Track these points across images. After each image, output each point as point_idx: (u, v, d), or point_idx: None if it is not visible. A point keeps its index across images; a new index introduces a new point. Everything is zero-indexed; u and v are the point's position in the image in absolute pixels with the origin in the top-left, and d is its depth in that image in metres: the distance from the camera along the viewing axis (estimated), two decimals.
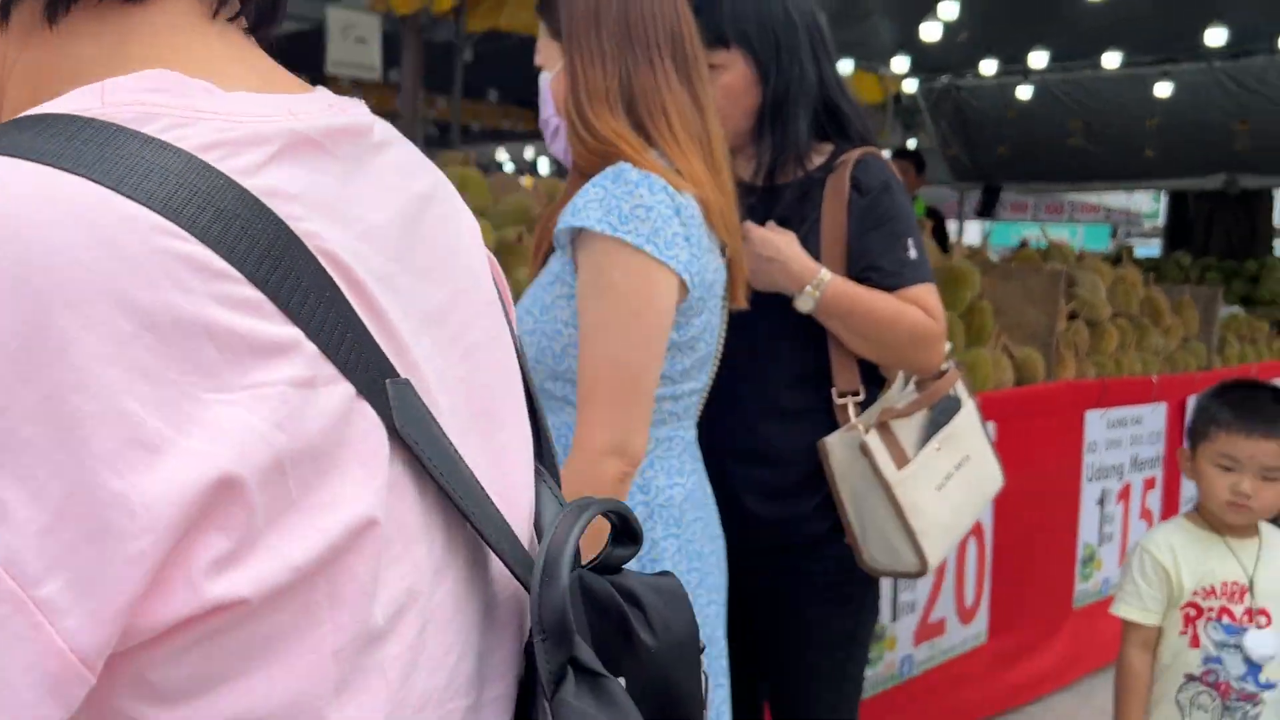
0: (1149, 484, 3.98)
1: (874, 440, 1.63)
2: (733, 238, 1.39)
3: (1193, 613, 1.82)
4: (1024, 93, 9.13)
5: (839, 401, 1.68)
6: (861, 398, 1.68)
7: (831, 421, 1.68)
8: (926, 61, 9.31)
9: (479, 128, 12.92)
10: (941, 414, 1.72)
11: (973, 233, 16.16)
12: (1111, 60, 8.22)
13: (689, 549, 1.39)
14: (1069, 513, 3.62)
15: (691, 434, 1.46)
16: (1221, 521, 1.85)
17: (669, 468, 1.38)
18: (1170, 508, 4.11)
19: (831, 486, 1.66)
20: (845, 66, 9.39)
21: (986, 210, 10.31)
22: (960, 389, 1.77)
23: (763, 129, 1.68)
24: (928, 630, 3.06)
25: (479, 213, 2.33)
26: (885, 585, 2.88)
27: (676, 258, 1.25)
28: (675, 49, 1.31)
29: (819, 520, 1.71)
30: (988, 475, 1.79)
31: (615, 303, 1.23)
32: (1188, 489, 4.22)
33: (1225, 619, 1.79)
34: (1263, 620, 1.79)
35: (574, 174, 1.38)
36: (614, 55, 1.28)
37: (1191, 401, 4.34)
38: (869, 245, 1.65)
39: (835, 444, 1.65)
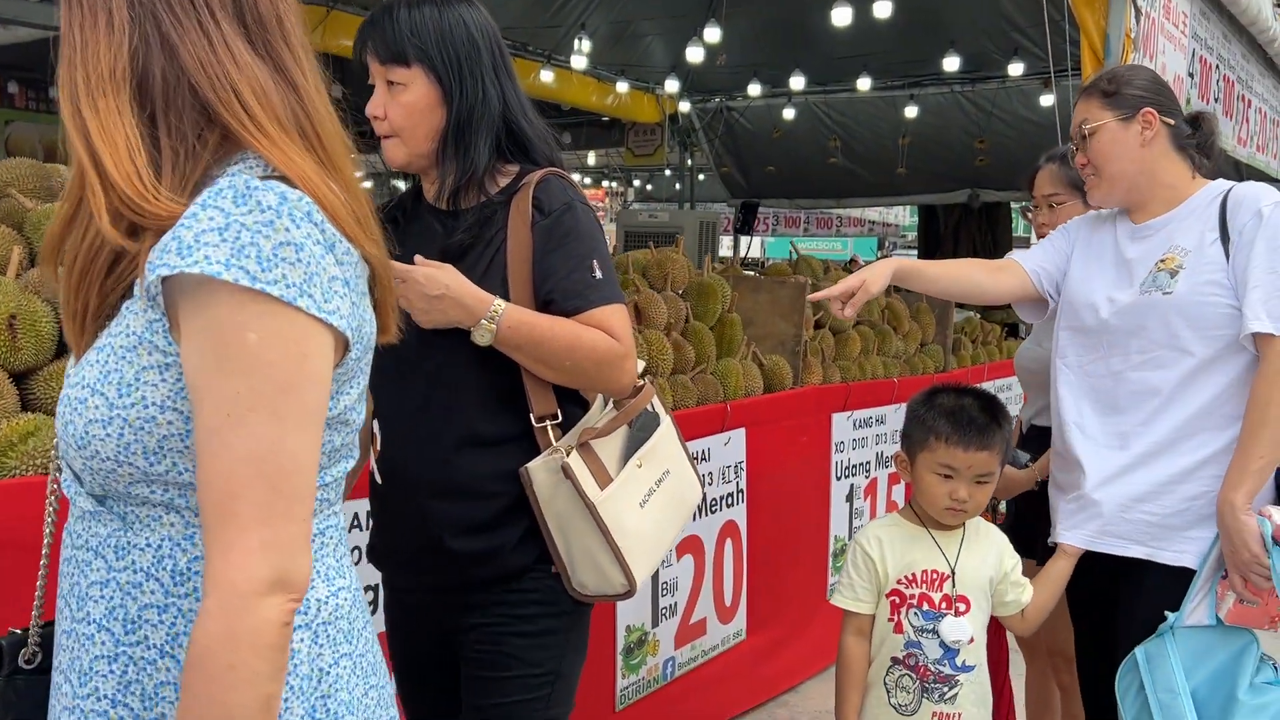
0: (893, 479, 4.28)
1: (575, 461, 1.60)
2: (377, 248, 1.05)
3: (897, 600, 1.98)
4: (788, 114, 9.63)
5: (538, 425, 1.63)
6: (559, 419, 1.65)
7: (533, 447, 1.63)
8: (700, 83, 9.68)
9: None
10: (641, 430, 1.71)
11: (753, 249, 16.86)
12: (864, 84, 8.80)
13: (364, 664, 1.08)
14: (820, 509, 3.85)
15: (342, 517, 1.12)
16: (934, 520, 2.02)
17: (328, 571, 1.04)
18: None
19: (536, 514, 1.62)
20: (622, 87, 9.64)
21: (745, 228, 10.83)
22: (657, 404, 1.79)
23: (446, 150, 1.64)
24: (689, 632, 3.18)
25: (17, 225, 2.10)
26: (645, 590, 2.98)
27: (338, 310, 0.96)
28: (240, 7, 0.98)
29: (524, 551, 1.65)
30: (688, 486, 1.81)
31: (257, 378, 0.90)
32: None
33: (925, 606, 1.96)
34: (961, 607, 1.96)
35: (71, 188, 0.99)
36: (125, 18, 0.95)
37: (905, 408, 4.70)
38: (552, 266, 1.62)
39: (538, 469, 1.60)
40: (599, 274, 1.63)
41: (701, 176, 11.83)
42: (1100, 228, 2.16)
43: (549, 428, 1.63)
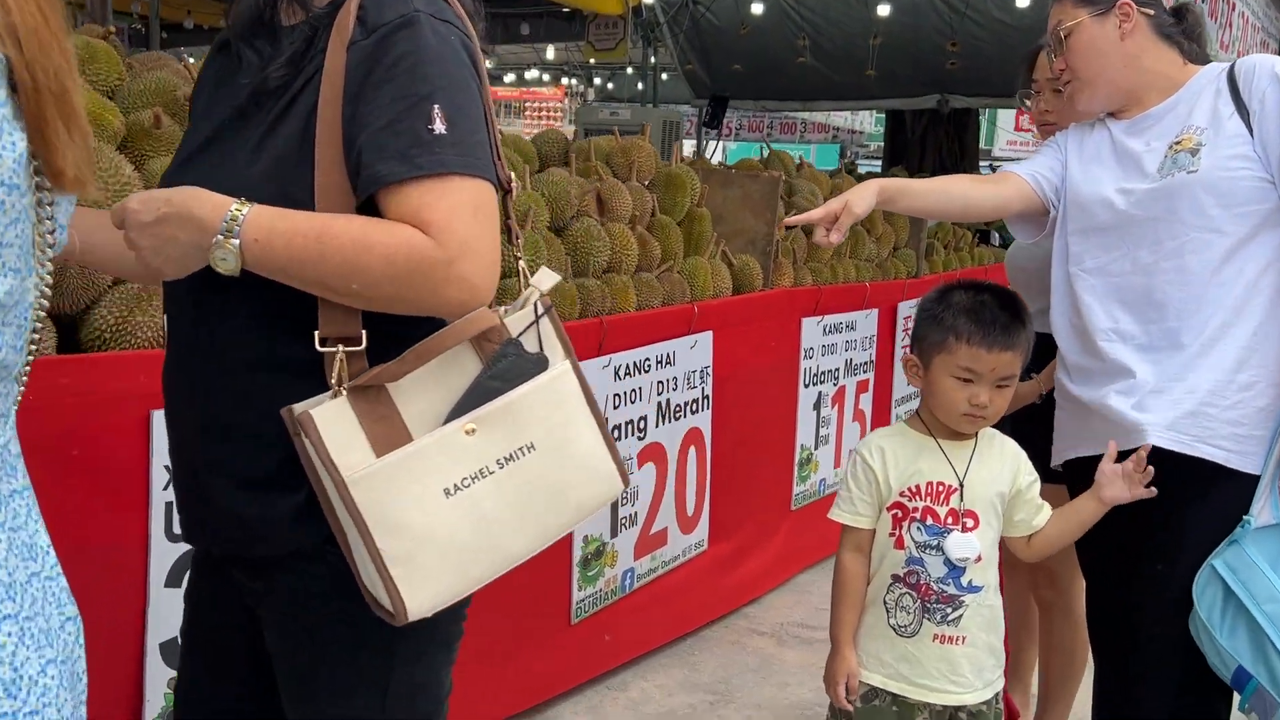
0: (862, 386, 4.13)
1: (331, 411, 1.09)
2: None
3: (899, 514, 1.82)
4: (757, 9, 9.24)
5: (324, 350, 1.13)
6: (363, 344, 1.14)
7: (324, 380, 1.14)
8: None
9: (195, 25, 11.76)
10: (499, 378, 1.14)
11: (715, 155, 16.48)
12: None
13: (32, 630, 0.90)
14: (787, 417, 3.69)
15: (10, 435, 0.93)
16: (949, 429, 1.85)
17: None
18: (881, 408, 4.30)
19: (310, 476, 1.14)
20: None
21: (714, 122, 10.46)
22: (549, 341, 1.19)
23: None
24: (649, 542, 3.03)
25: (109, 92, 1.99)
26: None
27: None
28: None
29: (307, 525, 1.16)
30: (576, 472, 1.19)
31: None
32: (899, 390, 4.43)
33: (929, 520, 1.81)
34: (969, 523, 1.81)
35: None
36: None
37: (908, 307, 4.56)
38: (367, 113, 1.10)
39: (318, 415, 1.10)
40: (439, 128, 1.09)
41: (665, 76, 11.42)
42: (1091, 133, 2.03)
43: (341, 355, 1.12)
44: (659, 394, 2.99)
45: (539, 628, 2.69)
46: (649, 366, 2.93)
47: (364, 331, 1.14)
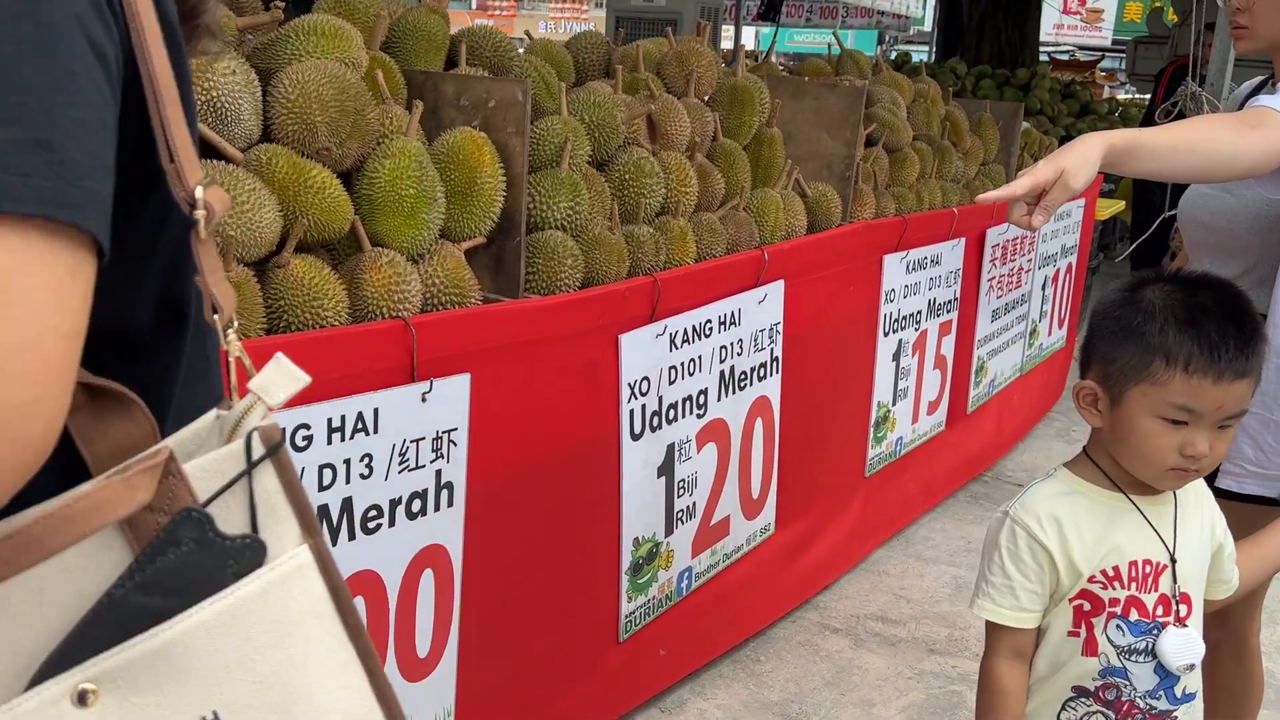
0: (944, 329, 3.58)
1: None
2: None
3: (1086, 606, 1.31)
4: None
5: None
6: None
7: None
8: None
9: None
10: (163, 592, 0.56)
11: (750, 41, 15.50)
12: None
13: None
14: (863, 372, 3.16)
15: None
16: (1136, 483, 1.32)
17: None
18: (964, 353, 3.76)
19: None
20: None
21: (771, 13, 9.53)
22: (280, 510, 0.60)
23: None
24: (709, 535, 2.54)
25: None
26: (658, 493, 2.32)
27: None
28: None
29: None
30: None
31: None
32: (981, 327, 3.87)
33: (1134, 614, 1.29)
34: (1183, 609, 1.30)
35: None
36: None
37: (998, 234, 3.91)
38: None
39: None
40: None
41: None
42: None
43: None
44: (721, 361, 2.46)
45: (581, 652, 2.23)
46: (710, 330, 2.39)
47: None
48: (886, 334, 3.21)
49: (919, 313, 3.38)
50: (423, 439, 1.74)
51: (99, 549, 0.55)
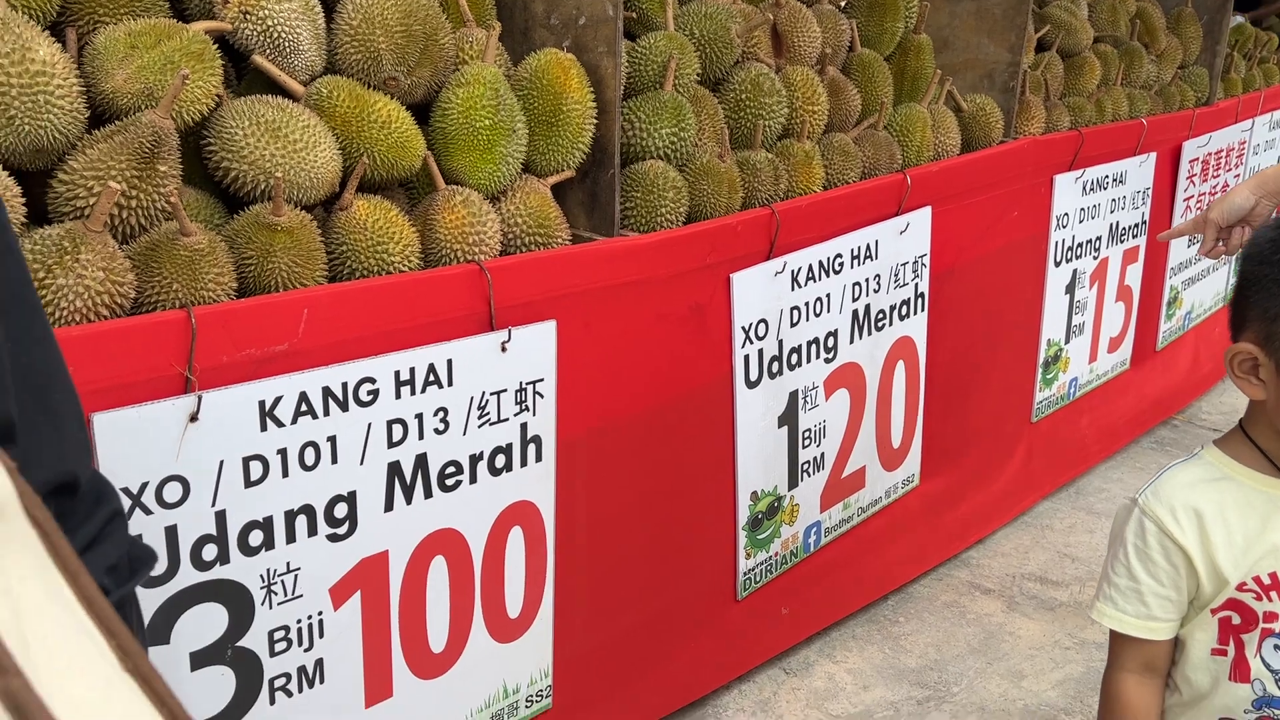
0: (1130, 256, 3.19)
1: None
2: None
3: (1237, 620, 1.07)
4: None
5: None
6: None
7: None
8: None
9: None
10: None
11: None
12: None
13: None
14: (1030, 307, 2.85)
15: None
16: None
17: None
18: (1153, 283, 3.35)
19: None
20: None
21: None
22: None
23: None
24: (840, 488, 2.34)
25: None
26: (779, 443, 2.14)
27: None
28: None
29: None
30: None
31: None
32: (1175, 255, 3.44)
33: None
34: None
35: None
36: None
37: (1196, 147, 3.42)
38: None
39: None
40: None
41: None
42: None
43: None
44: (854, 299, 2.23)
45: (695, 608, 2.10)
46: (840, 265, 2.17)
47: None
48: (1058, 264, 2.87)
49: (1098, 239, 3.01)
50: (504, 391, 1.62)
51: None
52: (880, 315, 2.31)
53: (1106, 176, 2.96)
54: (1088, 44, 2.97)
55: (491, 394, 1.61)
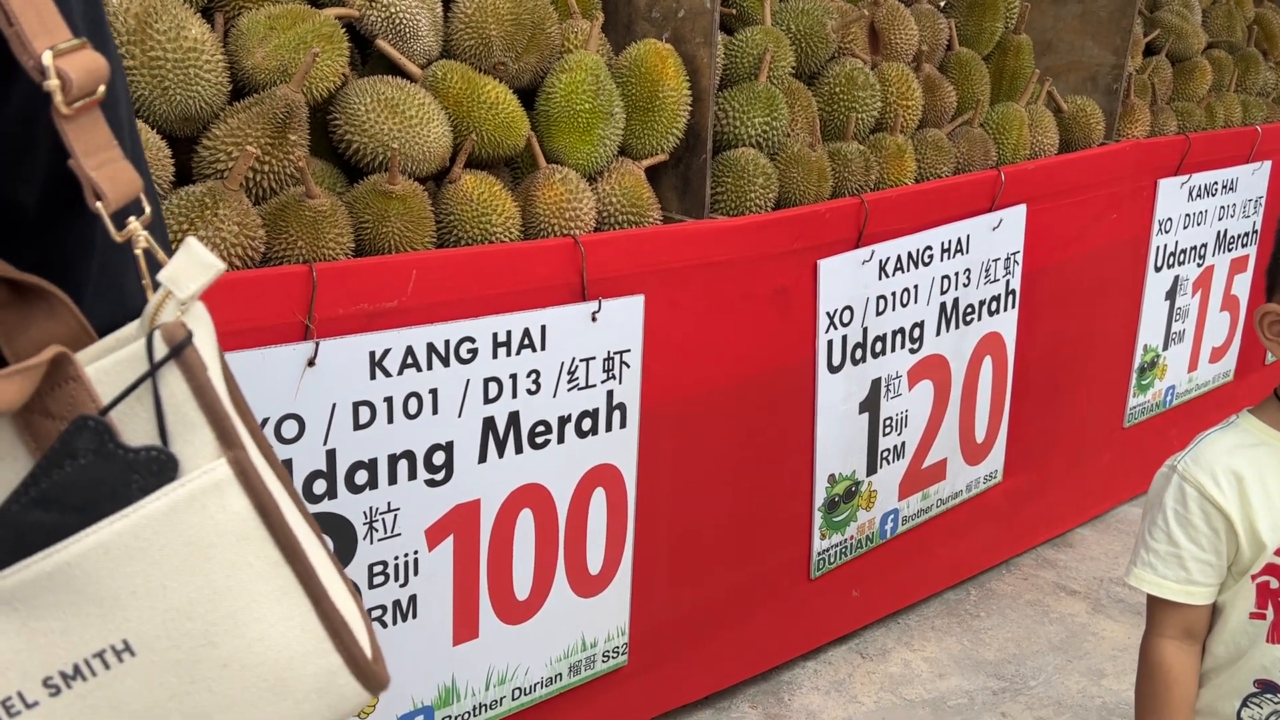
0: (1238, 266, 3.13)
1: None
2: None
3: (1274, 583, 1.10)
4: None
5: None
6: None
7: None
8: None
9: None
10: (59, 507, 0.52)
11: None
12: None
13: None
14: (1128, 311, 2.83)
15: None
16: None
17: None
18: (1260, 292, 3.27)
19: None
20: None
21: None
22: (192, 417, 0.55)
23: None
24: (920, 478, 2.38)
25: None
26: (860, 429, 2.19)
27: None
28: None
29: None
30: (260, 694, 0.55)
31: None
32: None
33: None
34: None
35: None
36: None
37: None
38: None
39: None
40: None
41: None
42: None
43: None
44: (943, 292, 2.27)
45: (768, 583, 2.17)
46: (929, 257, 2.21)
47: None
48: (1159, 269, 2.85)
49: (1203, 246, 2.97)
50: (593, 358, 1.73)
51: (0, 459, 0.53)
52: (969, 310, 2.35)
53: (1216, 183, 2.92)
54: (1199, 49, 2.94)
55: (581, 360, 1.72)
